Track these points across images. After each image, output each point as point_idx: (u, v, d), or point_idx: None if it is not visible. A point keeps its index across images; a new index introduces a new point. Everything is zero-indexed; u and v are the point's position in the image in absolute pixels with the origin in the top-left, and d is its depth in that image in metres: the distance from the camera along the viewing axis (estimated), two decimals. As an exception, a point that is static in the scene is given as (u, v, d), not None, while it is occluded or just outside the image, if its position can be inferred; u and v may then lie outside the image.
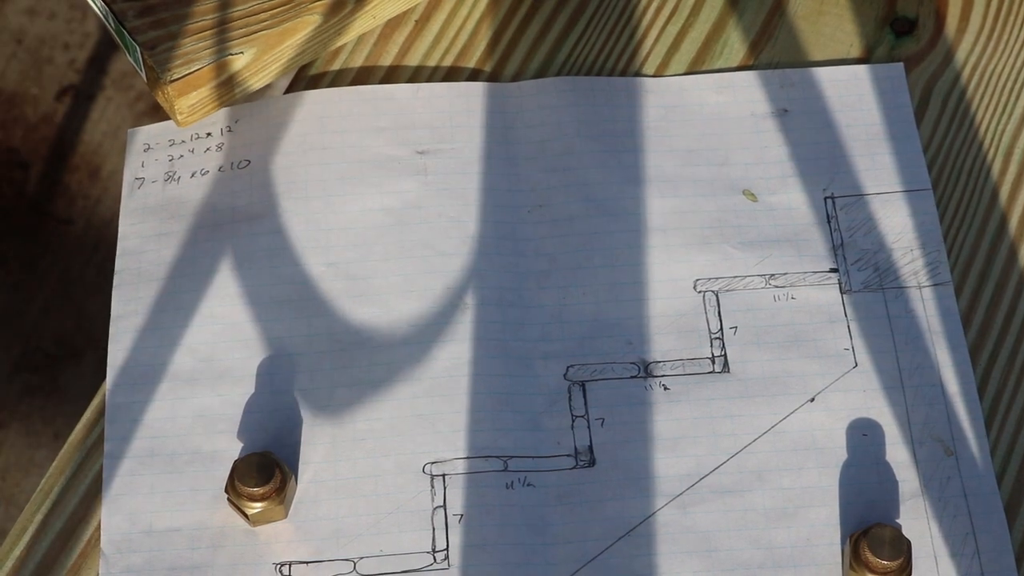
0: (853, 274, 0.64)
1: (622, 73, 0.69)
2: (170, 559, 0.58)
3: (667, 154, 0.67)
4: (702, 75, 0.69)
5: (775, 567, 0.58)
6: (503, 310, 0.63)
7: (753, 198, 0.66)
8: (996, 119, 0.68)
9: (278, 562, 0.59)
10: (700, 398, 0.62)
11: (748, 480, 0.60)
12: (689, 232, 0.65)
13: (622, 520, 0.59)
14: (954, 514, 0.59)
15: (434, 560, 0.58)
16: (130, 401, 0.61)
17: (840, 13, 0.71)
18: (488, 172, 0.66)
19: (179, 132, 0.67)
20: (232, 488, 0.58)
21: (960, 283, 0.64)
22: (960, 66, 0.69)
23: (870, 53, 0.70)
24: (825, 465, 0.60)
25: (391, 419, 0.61)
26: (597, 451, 0.61)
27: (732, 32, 0.70)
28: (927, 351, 0.62)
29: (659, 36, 0.70)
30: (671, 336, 0.63)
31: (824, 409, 0.61)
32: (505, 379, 0.62)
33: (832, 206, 0.66)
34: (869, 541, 0.56)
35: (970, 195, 0.66)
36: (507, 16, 0.71)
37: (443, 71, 0.69)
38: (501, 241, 0.65)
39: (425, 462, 0.60)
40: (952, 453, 0.60)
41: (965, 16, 0.71)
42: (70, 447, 0.61)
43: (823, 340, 0.63)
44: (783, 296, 0.64)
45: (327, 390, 0.62)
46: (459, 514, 0.59)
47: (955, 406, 0.61)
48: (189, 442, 0.61)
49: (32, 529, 0.60)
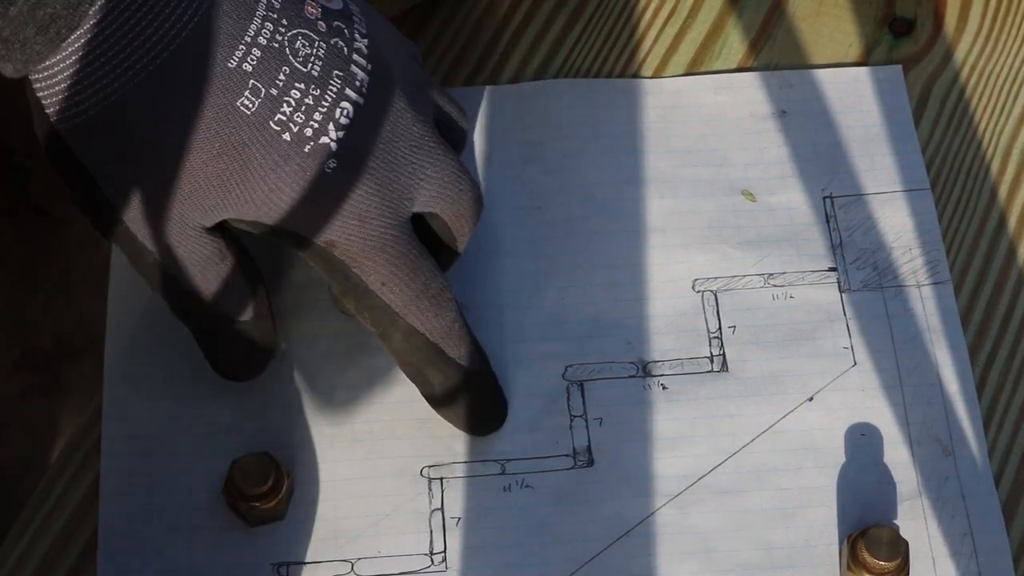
0: (852, 273, 0.64)
1: (620, 75, 0.69)
2: (168, 559, 0.58)
3: (666, 155, 0.67)
4: (701, 76, 0.69)
5: (773, 567, 0.58)
6: (501, 311, 0.63)
7: (752, 198, 0.66)
8: (994, 119, 0.68)
9: (276, 563, 0.59)
10: (699, 398, 0.62)
11: (746, 480, 0.60)
12: (688, 232, 0.65)
13: (620, 520, 0.59)
14: (952, 514, 0.59)
15: (431, 562, 0.59)
16: (128, 401, 0.62)
17: (838, 14, 0.71)
18: (486, 174, 0.66)
19: None
20: (230, 489, 0.58)
21: (959, 282, 0.64)
22: (958, 66, 0.69)
23: (869, 54, 0.70)
24: (823, 465, 0.60)
25: (390, 422, 0.61)
26: (595, 451, 0.61)
27: (730, 33, 0.70)
28: (926, 350, 0.62)
29: (657, 37, 0.70)
30: (670, 336, 0.63)
31: (823, 409, 0.61)
32: (503, 380, 0.62)
33: (831, 206, 0.66)
34: (867, 542, 0.56)
35: (969, 194, 0.66)
36: (505, 17, 0.71)
37: (441, 72, 0.69)
38: (499, 243, 0.65)
39: (423, 465, 0.60)
40: (950, 453, 0.61)
41: (963, 16, 0.71)
42: (70, 447, 0.61)
43: (822, 339, 0.63)
44: (782, 295, 0.64)
45: (326, 392, 0.62)
46: (457, 516, 0.59)
47: (953, 406, 0.61)
48: (187, 442, 0.61)
49: (32, 528, 0.60)
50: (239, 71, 0.52)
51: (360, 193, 0.55)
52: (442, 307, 0.57)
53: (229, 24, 0.52)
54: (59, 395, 0.76)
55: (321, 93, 0.53)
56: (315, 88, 0.53)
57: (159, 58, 0.51)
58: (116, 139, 0.53)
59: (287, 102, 0.53)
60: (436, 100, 0.60)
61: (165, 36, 0.51)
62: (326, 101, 0.54)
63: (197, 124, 0.52)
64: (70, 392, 0.76)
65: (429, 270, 0.57)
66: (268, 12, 0.53)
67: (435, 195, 0.57)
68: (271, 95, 0.53)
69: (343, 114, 0.54)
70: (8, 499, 0.64)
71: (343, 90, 0.54)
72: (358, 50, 0.55)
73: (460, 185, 0.58)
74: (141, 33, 0.51)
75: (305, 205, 0.54)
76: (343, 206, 0.55)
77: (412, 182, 0.56)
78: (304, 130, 0.53)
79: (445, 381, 0.58)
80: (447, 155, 0.58)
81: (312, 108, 0.53)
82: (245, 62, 0.52)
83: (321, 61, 0.54)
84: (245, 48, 0.52)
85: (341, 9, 0.55)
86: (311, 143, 0.53)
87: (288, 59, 0.53)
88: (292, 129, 0.53)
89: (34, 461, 0.74)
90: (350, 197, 0.55)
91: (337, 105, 0.54)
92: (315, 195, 0.54)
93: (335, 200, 0.54)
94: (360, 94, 0.55)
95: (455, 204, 0.58)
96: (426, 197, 0.57)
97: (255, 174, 0.53)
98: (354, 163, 0.54)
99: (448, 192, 0.58)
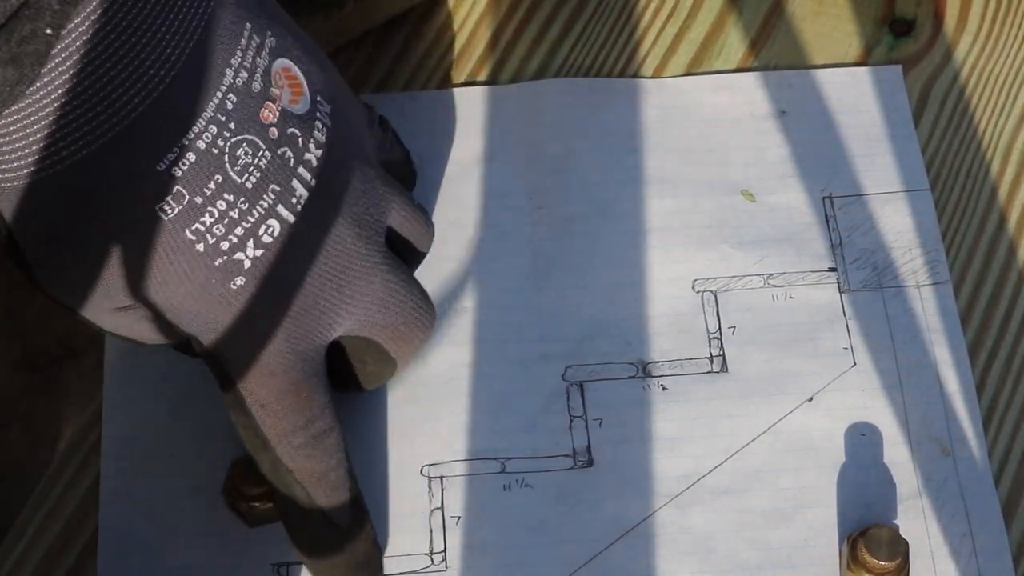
0: (852, 273, 0.64)
1: (620, 74, 0.69)
2: (168, 559, 0.58)
3: (665, 155, 0.67)
4: (701, 76, 0.69)
5: (773, 568, 0.58)
6: (501, 312, 0.63)
7: (751, 198, 0.66)
8: (994, 119, 0.68)
9: (276, 563, 0.59)
10: (698, 398, 0.62)
11: (746, 480, 0.60)
12: (687, 232, 0.65)
13: (620, 520, 0.59)
14: (952, 514, 0.59)
15: (431, 562, 0.59)
16: (128, 401, 0.61)
17: (838, 14, 0.71)
18: (486, 175, 0.66)
19: None
20: (230, 489, 0.58)
21: (959, 282, 0.64)
22: (958, 66, 0.69)
23: (868, 54, 0.70)
24: (823, 465, 0.60)
25: (389, 421, 0.61)
26: (595, 451, 0.61)
27: (730, 33, 0.70)
28: (926, 350, 0.62)
29: (657, 37, 0.70)
30: (669, 336, 0.63)
31: (822, 409, 0.61)
32: (503, 381, 0.62)
33: (830, 206, 0.66)
34: (867, 542, 0.56)
35: (968, 194, 0.66)
36: (505, 18, 0.71)
37: (441, 73, 0.69)
38: (499, 243, 0.65)
39: (423, 464, 0.60)
40: (950, 453, 0.61)
41: (963, 17, 0.71)
42: (70, 447, 0.61)
43: (822, 339, 0.63)
44: (782, 295, 0.64)
45: (326, 391, 0.62)
46: (457, 516, 0.59)
47: (953, 406, 0.61)
48: (188, 442, 0.61)
49: (32, 529, 0.60)
50: (167, 174, 0.49)
51: (264, 314, 0.52)
52: (321, 450, 0.54)
53: (171, 123, 0.49)
54: (59, 395, 0.76)
55: (250, 207, 0.51)
56: (244, 202, 0.51)
57: (90, 146, 0.48)
58: (43, 215, 0.50)
59: (209, 212, 0.50)
60: (396, 215, 0.57)
61: (104, 123, 0.48)
62: (252, 216, 0.51)
63: (117, 219, 0.50)
64: (70, 392, 0.76)
65: (320, 407, 0.54)
66: (217, 114, 0.50)
67: (364, 321, 0.55)
68: (194, 203, 0.50)
69: (267, 232, 0.51)
70: (8, 499, 0.64)
71: (274, 207, 0.51)
72: (307, 163, 0.52)
73: (396, 309, 0.56)
74: (83, 115, 0.48)
75: (202, 314, 0.52)
76: (241, 323, 0.52)
77: (336, 307, 0.54)
78: (221, 243, 0.51)
79: (308, 529, 0.55)
80: (388, 275, 0.55)
81: (235, 222, 0.51)
82: (176, 166, 0.49)
83: (260, 172, 0.51)
84: (179, 151, 0.49)
85: (303, 113, 0.52)
86: (223, 257, 0.51)
87: (224, 167, 0.50)
88: (208, 240, 0.50)
89: (34, 461, 0.74)
90: (251, 316, 0.52)
91: (264, 222, 0.51)
92: (214, 307, 0.52)
93: (234, 316, 0.52)
94: (294, 212, 0.52)
95: (387, 328, 0.56)
96: (353, 323, 0.55)
97: (159, 277, 0.51)
98: (267, 284, 0.52)
99: (379, 318, 0.55)
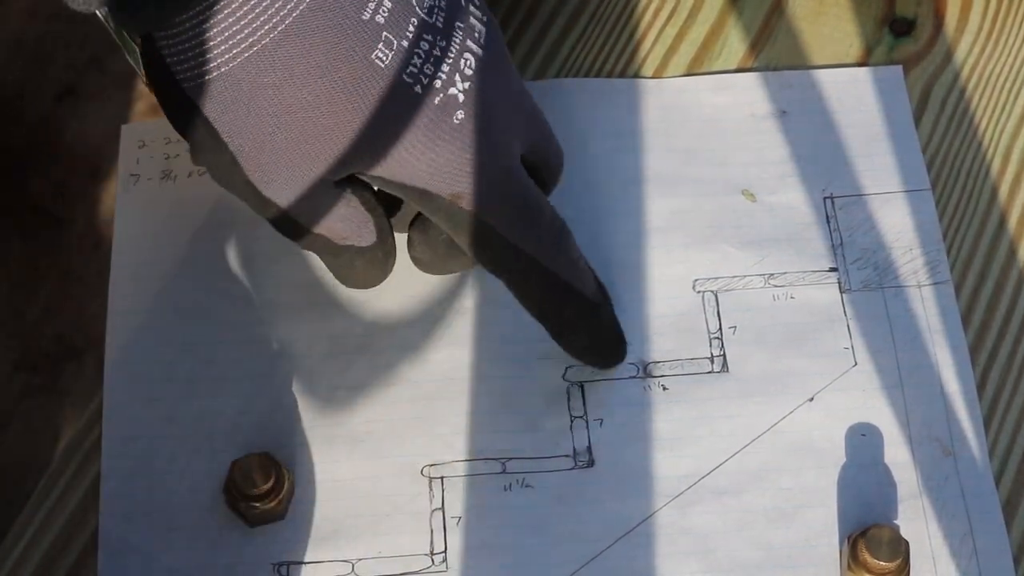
0: (852, 273, 0.64)
1: (621, 75, 0.69)
2: (168, 559, 0.58)
3: (666, 154, 0.67)
4: (701, 76, 0.69)
5: (773, 568, 0.58)
6: (502, 312, 0.63)
7: (752, 198, 0.66)
8: (995, 119, 0.68)
9: (276, 563, 0.59)
10: (699, 398, 0.62)
11: (747, 480, 0.60)
12: (688, 232, 0.65)
13: (621, 521, 0.59)
14: (952, 515, 0.59)
15: (432, 562, 0.59)
16: (128, 401, 0.62)
17: (839, 14, 0.71)
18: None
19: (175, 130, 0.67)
20: (230, 489, 0.58)
21: (959, 282, 0.64)
22: (959, 66, 0.69)
23: (869, 54, 0.70)
24: (824, 465, 0.60)
25: (390, 421, 0.61)
26: (596, 452, 0.61)
27: (730, 33, 0.70)
28: (926, 350, 0.62)
29: (658, 37, 0.70)
30: (670, 336, 0.63)
31: (823, 409, 0.61)
32: (504, 381, 0.62)
33: (831, 206, 0.66)
34: (867, 542, 0.56)
35: (969, 194, 0.66)
36: (505, 18, 0.71)
37: (442, 72, 0.69)
38: (500, 242, 0.65)
39: (423, 464, 0.60)
40: (950, 453, 0.60)
41: (964, 17, 0.71)
42: (70, 447, 0.61)
43: (822, 339, 0.63)
44: (782, 295, 0.64)
45: (326, 392, 0.62)
46: (457, 516, 0.59)
47: (954, 406, 0.61)
48: (187, 442, 0.61)
49: (32, 529, 0.60)
50: (372, 23, 0.52)
51: (485, 143, 0.55)
52: (563, 243, 0.58)
53: None
54: (59, 395, 0.76)
55: (447, 44, 0.54)
56: (441, 39, 0.53)
57: (294, 12, 0.51)
58: (246, 95, 0.52)
59: (417, 54, 0.53)
60: None
61: None
62: (452, 52, 0.54)
63: (332, 78, 0.52)
64: (70, 392, 0.76)
65: (549, 209, 0.58)
66: None
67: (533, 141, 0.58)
68: (403, 47, 0.52)
69: (467, 65, 0.54)
70: (8, 499, 0.64)
71: (465, 41, 0.54)
72: (472, 1, 0.55)
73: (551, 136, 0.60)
74: None
75: (435, 158, 0.54)
76: (470, 157, 0.55)
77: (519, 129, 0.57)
78: (434, 82, 0.53)
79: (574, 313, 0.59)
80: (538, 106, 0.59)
81: (440, 60, 0.53)
82: (378, 14, 0.52)
83: (444, 12, 0.54)
84: (376, 1, 0.52)
85: None
86: (441, 95, 0.53)
87: (416, 11, 0.53)
88: (423, 81, 0.53)
89: (34, 461, 0.74)
90: (476, 148, 0.55)
91: (461, 56, 0.54)
92: (445, 148, 0.54)
93: (462, 152, 0.54)
94: (479, 45, 0.55)
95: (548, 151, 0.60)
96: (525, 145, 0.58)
97: (388, 129, 0.53)
98: (479, 113, 0.54)
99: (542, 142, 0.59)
